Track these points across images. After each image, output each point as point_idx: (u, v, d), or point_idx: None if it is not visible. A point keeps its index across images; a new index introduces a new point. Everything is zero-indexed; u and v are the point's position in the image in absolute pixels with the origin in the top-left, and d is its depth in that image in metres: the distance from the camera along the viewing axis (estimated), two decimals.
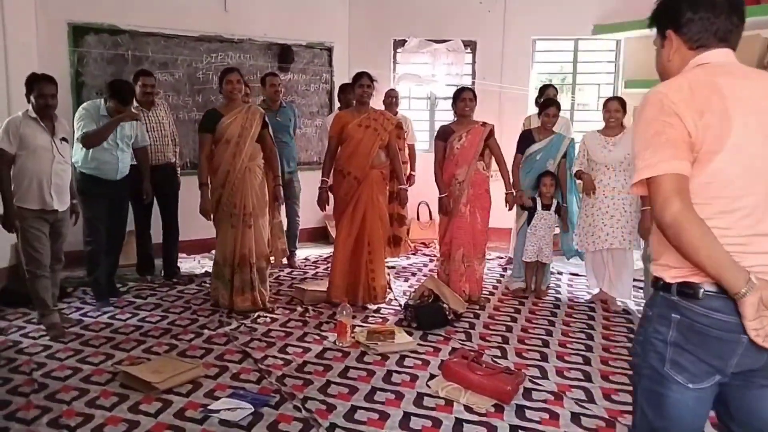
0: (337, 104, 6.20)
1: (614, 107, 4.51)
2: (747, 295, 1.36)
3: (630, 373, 3.39)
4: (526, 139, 4.92)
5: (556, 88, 5.79)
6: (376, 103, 5.52)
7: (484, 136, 4.61)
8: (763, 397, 1.54)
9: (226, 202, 4.27)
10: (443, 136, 4.72)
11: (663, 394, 1.53)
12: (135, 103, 4.92)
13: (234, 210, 4.26)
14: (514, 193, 4.74)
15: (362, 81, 4.48)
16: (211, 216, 4.35)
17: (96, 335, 3.90)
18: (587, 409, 2.98)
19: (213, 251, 5.55)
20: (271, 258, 5.33)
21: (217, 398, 3.02)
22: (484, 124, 4.66)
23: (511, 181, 4.75)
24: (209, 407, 2.93)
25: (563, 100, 7.23)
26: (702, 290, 1.45)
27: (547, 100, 5.00)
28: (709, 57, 1.56)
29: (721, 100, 1.44)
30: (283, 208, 5.56)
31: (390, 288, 4.82)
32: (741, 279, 1.37)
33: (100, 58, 5.53)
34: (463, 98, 4.63)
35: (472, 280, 4.68)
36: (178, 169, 5.30)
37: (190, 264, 5.71)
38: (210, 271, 5.39)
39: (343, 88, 5.84)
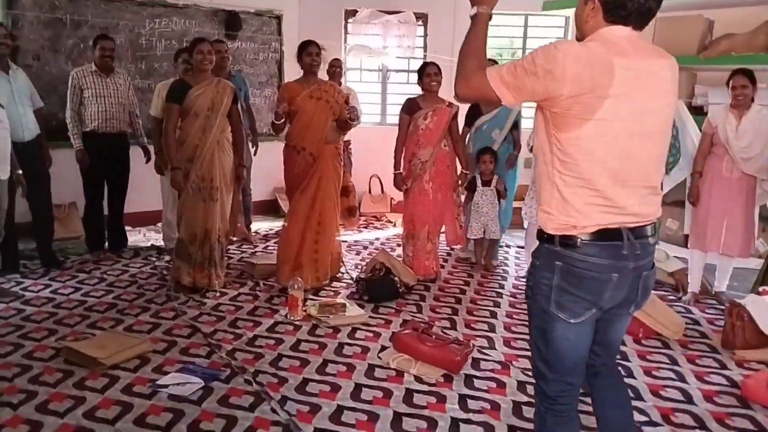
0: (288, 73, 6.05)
1: None
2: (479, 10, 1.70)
3: None
4: (474, 112, 4.94)
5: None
6: (320, 73, 5.41)
7: (450, 118, 4.49)
8: (616, 322, 1.87)
9: (195, 177, 4.03)
10: (410, 109, 4.51)
11: (550, 330, 1.75)
12: (93, 68, 4.74)
13: (203, 184, 4.04)
14: (468, 175, 4.74)
15: (310, 49, 4.20)
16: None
17: (38, 310, 3.77)
18: (533, 377, 3.07)
19: (159, 224, 5.45)
20: (233, 238, 5.29)
21: (166, 373, 2.98)
22: (450, 104, 4.49)
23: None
24: (158, 382, 2.89)
25: None
26: (579, 239, 1.66)
27: None
28: (607, 33, 1.65)
29: (608, 79, 1.55)
30: None
31: (342, 262, 4.80)
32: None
33: (36, 21, 5.24)
34: (429, 73, 4.43)
35: (436, 257, 4.66)
36: (143, 138, 5.08)
37: (135, 237, 5.55)
38: (156, 244, 5.32)
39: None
